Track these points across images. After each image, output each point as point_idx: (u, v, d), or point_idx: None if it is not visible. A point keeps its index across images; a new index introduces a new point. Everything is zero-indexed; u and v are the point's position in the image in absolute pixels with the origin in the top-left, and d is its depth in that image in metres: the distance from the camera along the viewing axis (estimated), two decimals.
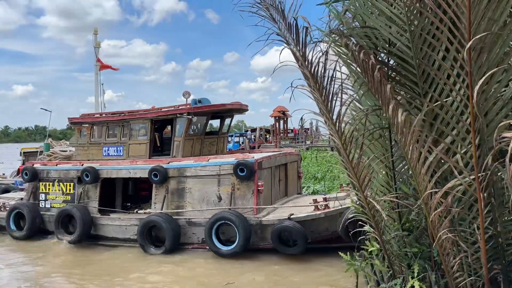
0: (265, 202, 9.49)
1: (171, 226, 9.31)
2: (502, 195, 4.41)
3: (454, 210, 4.48)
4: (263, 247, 9.02)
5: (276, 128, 39.20)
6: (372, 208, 5.22)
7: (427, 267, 5.08)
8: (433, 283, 4.95)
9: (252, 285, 7.47)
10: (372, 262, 5.85)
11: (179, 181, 9.92)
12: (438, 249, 4.59)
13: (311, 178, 16.04)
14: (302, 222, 8.56)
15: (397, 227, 5.31)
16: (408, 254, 5.25)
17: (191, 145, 11.12)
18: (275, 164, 10.29)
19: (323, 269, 7.91)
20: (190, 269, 8.44)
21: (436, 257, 4.95)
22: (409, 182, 5.20)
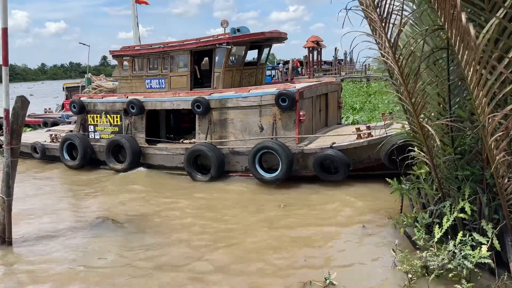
0: (306, 131, 9.58)
1: (216, 154, 9.65)
2: None
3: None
4: (305, 174, 9.27)
5: (309, 59, 38.16)
6: (425, 133, 5.20)
7: (478, 189, 5.12)
8: (484, 204, 5.01)
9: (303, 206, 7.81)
10: (420, 186, 5.95)
11: (221, 112, 10.09)
12: (493, 172, 4.60)
13: (349, 108, 15.89)
14: (344, 150, 8.65)
15: (449, 151, 5.30)
16: (459, 177, 5.29)
17: (231, 76, 11.11)
18: (316, 94, 10.20)
19: (365, 195, 8.12)
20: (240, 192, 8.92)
21: (489, 179, 4.97)
22: (465, 105, 5.08)
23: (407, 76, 4.95)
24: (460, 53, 4.30)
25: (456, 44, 4.30)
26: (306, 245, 6.16)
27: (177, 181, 10.12)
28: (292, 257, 5.81)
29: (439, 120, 5.19)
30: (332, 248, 6.08)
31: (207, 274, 5.43)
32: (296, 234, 6.57)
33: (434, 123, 5.17)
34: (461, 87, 5.11)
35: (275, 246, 6.18)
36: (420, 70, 4.96)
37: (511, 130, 4.40)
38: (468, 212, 4.96)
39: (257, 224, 7.11)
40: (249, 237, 6.59)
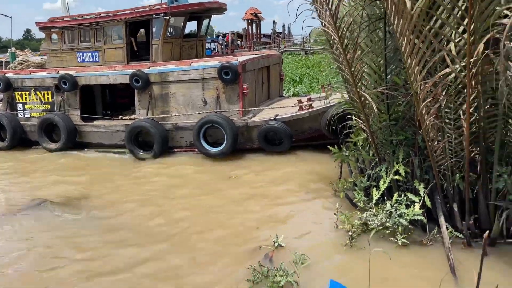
0: (250, 104, 9.62)
1: (158, 130, 9.42)
2: (487, 82, 4.66)
3: (442, 98, 4.74)
4: (250, 147, 9.38)
5: (249, 32, 37.90)
6: (363, 101, 5.45)
7: (411, 153, 5.51)
8: (416, 166, 5.41)
9: (251, 176, 7.95)
10: (358, 152, 6.27)
11: (162, 87, 9.79)
12: (424, 136, 4.96)
13: (290, 81, 16.14)
14: (287, 122, 8.84)
15: (385, 118, 5.61)
16: (394, 142, 5.64)
17: (170, 49, 10.76)
18: (258, 67, 10.22)
19: (307, 164, 8.41)
20: (187, 167, 8.83)
21: (420, 143, 5.36)
22: (400, 74, 5.36)
23: (346, 46, 5.11)
24: (395, 23, 4.51)
25: (392, 14, 4.50)
26: (256, 213, 6.32)
27: (118, 159, 9.78)
28: (243, 224, 5.96)
29: (376, 88, 5.45)
30: (279, 214, 6.28)
31: (159, 252, 5.39)
32: (247, 204, 6.72)
33: (371, 92, 5.42)
34: (397, 56, 5.37)
35: (226, 216, 6.29)
36: (359, 39, 5.14)
37: (440, 96, 4.76)
38: (402, 174, 5.35)
39: (208, 196, 7.14)
40: (199, 209, 6.62)
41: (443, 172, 5.12)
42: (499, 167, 4.84)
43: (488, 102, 4.76)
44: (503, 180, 4.79)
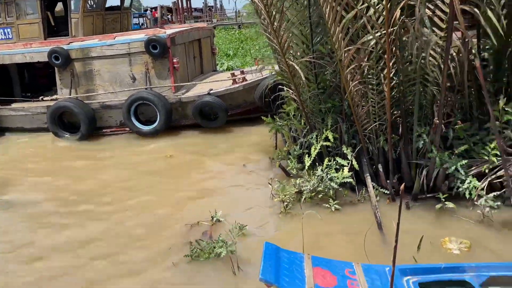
0: (182, 79, 9.36)
1: (84, 110, 8.87)
2: (405, 47, 4.91)
3: (364, 64, 4.92)
4: (185, 123, 9.19)
5: (179, 6, 36.60)
6: (292, 71, 5.51)
7: (339, 119, 5.71)
8: (344, 132, 5.63)
9: (187, 153, 7.80)
10: (290, 122, 6.39)
11: (85, 63, 9.18)
12: (349, 102, 5.15)
13: (223, 55, 15.92)
14: (221, 96, 8.74)
15: (313, 87, 5.73)
16: (322, 110, 5.81)
17: (91, 23, 10.06)
18: (189, 40, 9.91)
19: (244, 137, 8.45)
20: (118, 148, 8.44)
21: (347, 109, 5.56)
22: (325, 42, 5.46)
23: (273, 15, 5.08)
24: None
25: None
26: (193, 189, 6.26)
27: (42, 143, 9.12)
28: (180, 202, 5.87)
29: (303, 58, 5.52)
30: (217, 188, 6.27)
31: (95, 233, 5.16)
32: (183, 181, 6.62)
33: (299, 61, 5.49)
34: (322, 25, 5.46)
35: (162, 194, 6.16)
36: (284, 9, 5.13)
37: (363, 62, 4.94)
38: (331, 140, 5.55)
39: (145, 176, 6.92)
40: (136, 190, 6.41)
41: (368, 135, 5.39)
42: (418, 128, 5.18)
43: (406, 66, 5.03)
44: (422, 140, 5.15)
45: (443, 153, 5.01)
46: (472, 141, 5.19)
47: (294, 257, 3.45)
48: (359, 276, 3.30)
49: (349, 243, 4.50)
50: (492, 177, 4.82)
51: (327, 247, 4.49)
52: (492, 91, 5.58)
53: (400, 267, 3.36)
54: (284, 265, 3.29)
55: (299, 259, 3.43)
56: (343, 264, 3.46)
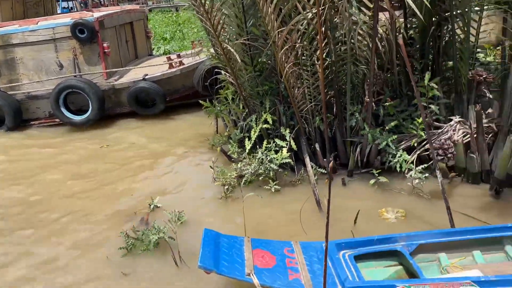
0: (114, 65, 8.90)
1: (8, 102, 8.19)
2: (335, 28, 4.99)
3: (298, 46, 4.94)
4: (121, 111, 8.79)
5: None
6: (227, 53, 5.41)
7: (277, 101, 5.73)
8: (282, 114, 5.67)
9: (124, 143, 7.48)
10: (229, 105, 6.32)
11: (6, 51, 8.43)
12: (285, 84, 5.18)
13: (160, 39, 15.35)
14: (158, 81, 8.44)
15: (250, 69, 5.68)
16: (260, 93, 5.80)
17: (10, 7, 9.24)
18: (119, 23, 9.40)
19: (184, 122, 8.26)
20: (48, 141, 7.88)
21: (284, 91, 5.59)
22: (258, 24, 5.41)
23: None
24: None
25: None
26: (131, 178, 6.05)
27: None
28: (117, 193, 5.64)
29: (238, 40, 5.44)
30: (156, 176, 6.09)
31: (23, 238, 4.81)
32: (121, 170, 6.35)
33: (234, 43, 5.40)
34: (255, 7, 5.39)
35: (99, 185, 5.88)
36: None
37: (296, 43, 4.96)
38: (270, 123, 5.56)
39: (78, 168, 6.55)
40: (68, 183, 6.05)
41: (305, 116, 5.47)
42: (351, 106, 5.34)
43: (338, 47, 5.13)
44: (355, 118, 5.32)
45: (375, 129, 5.21)
46: (401, 117, 5.45)
47: (234, 241, 3.45)
48: (298, 254, 3.37)
49: (290, 223, 4.57)
50: (421, 150, 5.10)
51: (269, 228, 4.53)
52: (419, 68, 5.88)
53: (336, 242, 3.47)
54: (224, 250, 3.28)
55: (239, 243, 3.43)
56: (282, 244, 3.52)
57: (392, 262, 3.53)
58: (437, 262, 3.54)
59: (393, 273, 3.43)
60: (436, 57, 5.80)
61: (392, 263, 3.53)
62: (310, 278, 3.08)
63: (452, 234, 3.58)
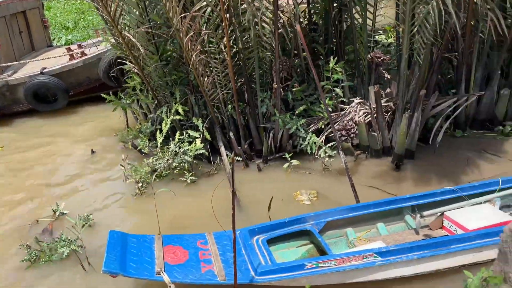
0: (7, 59, 8.02)
1: None
2: (240, 14, 4.94)
3: (203, 33, 4.82)
4: (20, 110, 7.97)
5: None
6: (129, 43, 5.11)
7: (187, 91, 5.58)
8: (194, 104, 5.54)
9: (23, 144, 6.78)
10: (137, 97, 6.03)
11: None
12: (194, 72, 5.04)
13: (61, 28, 14.12)
14: (58, 74, 7.76)
15: (155, 59, 5.44)
16: (169, 83, 5.59)
17: None
18: (10, 13, 8.46)
19: (90, 118, 7.72)
20: None
21: (193, 80, 5.45)
22: (161, 11, 5.17)
23: None
24: None
25: None
26: (35, 184, 5.51)
27: None
28: (17, 200, 5.11)
29: (139, 28, 5.15)
30: (62, 180, 5.61)
31: None
32: (22, 175, 5.77)
33: (135, 31, 5.11)
34: None
35: None
36: None
37: (201, 30, 4.83)
38: (181, 113, 5.40)
39: None
40: None
41: (217, 105, 5.39)
42: (261, 93, 5.37)
43: (244, 34, 5.09)
44: (265, 105, 5.37)
45: (285, 114, 5.31)
46: (309, 101, 5.62)
47: (144, 240, 3.30)
48: (211, 245, 3.33)
49: (207, 214, 4.47)
50: (328, 131, 5.31)
51: (186, 221, 4.42)
52: (323, 53, 6.10)
53: (250, 228, 3.49)
54: (132, 250, 3.12)
55: (149, 242, 3.29)
56: (195, 237, 3.45)
57: (304, 241, 3.65)
58: (344, 237, 3.73)
59: (305, 252, 3.55)
60: (339, 42, 6.06)
61: (304, 242, 3.64)
62: (223, 267, 3.06)
63: (357, 209, 3.79)
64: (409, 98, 4.98)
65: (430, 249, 3.12)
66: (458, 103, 5.27)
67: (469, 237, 3.18)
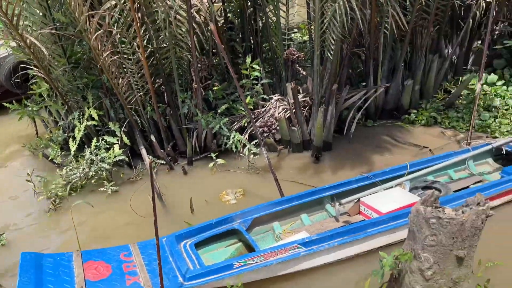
0: None
1: None
2: (153, 13, 4.79)
3: (114, 32, 4.60)
4: None
5: None
6: (31, 45, 4.71)
7: (101, 95, 5.29)
8: (109, 107, 5.27)
9: None
10: (46, 104, 5.59)
11: None
12: (106, 74, 4.79)
13: None
14: None
15: (63, 61, 5.08)
16: (80, 87, 5.27)
17: None
18: None
19: None
20: None
21: (107, 83, 5.18)
22: (66, 10, 4.83)
23: None
24: None
25: None
26: None
27: None
28: None
29: (42, 29, 4.77)
30: None
31: None
32: None
33: (38, 33, 4.72)
34: None
35: None
36: None
37: (112, 29, 4.59)
38: (96, 118, 5.11)
39: None
40: None
41: (134, 108, 5.18)
42: (181, 94, 5.27)
43: (159, 33, 4.95)
44: (187, 105, 5.28)
45: (208, 114, 5.28)
46: (231, 99, 5.65)
47: (61, 259, 3.07)
48: (136, 256, 3.20)
49: (131, 223, 4.32)
50: (251, 129, 5.37)
51: (110, 233, 4.19)
52: (241, 51, 6.15)
53: (176, 234, 3.41)
54: (48, 271, 2.89)
55: (67, 260, 3.07)
56: (118, 249, 3.29)
57: (232, 240, 3.66)
58: (271, 231, 3.81)
59: (234, 250, 3.56)
60: (255, 40, 6.15)
61: (233, 242, 3.65)
62: (149, 278, 2.95)
63: (282, 203, 3.89)
64: (323, 93, 5.21)
65: (349, 234, 3.30)
66: (368, 95, 5.64)
67: (383, 220, 3.42)
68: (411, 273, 2.48)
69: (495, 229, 3.28)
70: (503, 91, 5.98)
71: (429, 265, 2.39)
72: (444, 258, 2.37)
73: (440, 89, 6.25)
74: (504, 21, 6.60)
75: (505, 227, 3.66)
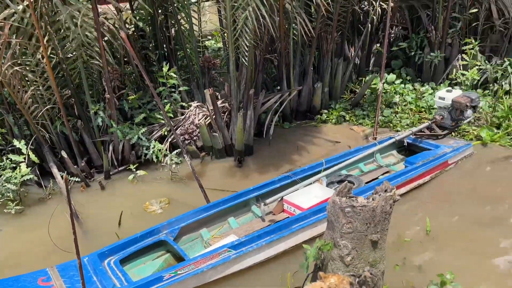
0: None
1: None
2: (57, 22, 4.52)
3: (14, 42, 4.26)
4: None
5: None
6: None
7: (2, 110, 4.84)
8: (12, 124, 4.85)
9: None
10: None
11: None
12: (8, 89, 4.40)
13: None
14: None
15: None
16: None
17: None
18: None
19: None
20: None
21: (8, 97, 4.75)
22: None
23: None
24: None
25: None
26: None
27: None
28: None
29: None
30: None
31: None
32: None
33: None
34: None
35: None
36: None
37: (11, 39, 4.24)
38: None
39: None
40: None
41: (41, 122, 4.81)
42: (93, 105, 5.01)
43: (64, 42, 4.66)
44: (100, 117, 5.03)
45: (124, 125, 5.09)
46: (148, 108, 5.51)
47: None
48: (55, 279, 2.99)
49: (46, 246, 3.99)
50: (172, 137, 5.30)
51: (22, 259, 3.84)
52: (155, 59, 6.04)
53: (99, 252, 3.26)
54: None
55: None
56: (34, 275, 3.04)
57: (160, 252, 3.58)
58: (200, 238, 3.80)
59: (162, 262, 3.49)
60: (169, 48, 6.09)
61: (160, 253, 3.57)
62: None
63: (208, 209, 3.90)
64: (241, 98, 5.33)
65: (275, 233, 3.42)
66: (283, 98, 5.89)
67: (306, 216, 3.61)
68: (333, 261, 2.66)
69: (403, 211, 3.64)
70: (401, 89, 6.65)
71: (347, 251, 2.57)
72: (360, 244, 2.57)
73: (346, 89, 6.76)
74: (398, 25, 7.33)
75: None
